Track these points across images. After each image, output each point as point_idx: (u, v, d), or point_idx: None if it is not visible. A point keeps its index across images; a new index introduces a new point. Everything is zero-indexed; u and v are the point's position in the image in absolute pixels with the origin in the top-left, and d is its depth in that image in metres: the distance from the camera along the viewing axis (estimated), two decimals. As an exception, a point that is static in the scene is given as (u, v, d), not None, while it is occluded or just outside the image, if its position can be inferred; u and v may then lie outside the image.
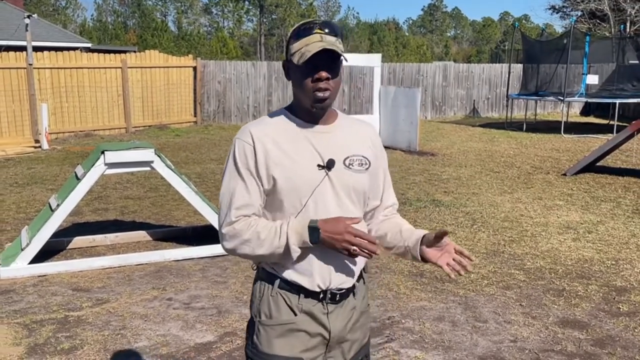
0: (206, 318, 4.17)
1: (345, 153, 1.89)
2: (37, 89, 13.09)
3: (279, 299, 1.86)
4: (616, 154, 10.92)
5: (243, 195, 1.83)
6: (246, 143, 1.83)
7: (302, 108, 1.87)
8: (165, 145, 12.45)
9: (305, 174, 1.83)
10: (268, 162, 1.81)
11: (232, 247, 1.84)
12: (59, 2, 63.90)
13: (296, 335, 1.86)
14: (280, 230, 1.79)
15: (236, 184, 1.83)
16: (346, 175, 1.87)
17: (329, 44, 1.76)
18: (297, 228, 1.78)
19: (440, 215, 6.93)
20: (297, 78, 1.82)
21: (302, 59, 1.76)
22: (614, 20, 26.23)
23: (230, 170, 1.86)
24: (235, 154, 1.85)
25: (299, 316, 1.86)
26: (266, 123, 1.89)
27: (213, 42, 50.84)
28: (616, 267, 5.24)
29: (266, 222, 1.83)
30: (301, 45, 1.78)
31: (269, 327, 1.87)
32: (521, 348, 3.73)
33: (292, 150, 1.83)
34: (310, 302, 1.86)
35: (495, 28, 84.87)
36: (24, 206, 7.31)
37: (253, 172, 1.83)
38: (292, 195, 1.82)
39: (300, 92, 1.83)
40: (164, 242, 5.91)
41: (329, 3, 79.25)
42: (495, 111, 20.47)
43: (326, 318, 1.88)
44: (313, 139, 1.86)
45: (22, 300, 4.47)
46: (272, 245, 1.79)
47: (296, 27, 1.83)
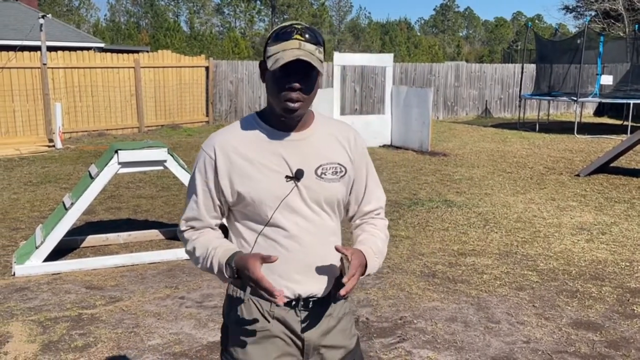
0: (218, 317, 4.18)
1: (318, 161, 1.81)
2: (51, 88, 13.19)
3: (251, 306, 1.83)
4: (630, 155, 10.83)
5: (193, 209, 1.85)
6: (208, 155, 1.79)
7: (274, 115, 1.79)
8: (178, 145, 12.51)
9: (271, 186, 1.76)
10: (231, 176, 1.77)
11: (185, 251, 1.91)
12: (73, 2, 64.38)
13: (271, 341, 1.83)
14: (209, 254, 1.79)
15: (191, 196, 1.85)
16: (317, 185, 1.80)
17: (306, 53, 1.67)
18: (220, 258, 1.77)
19: (452, 216, 6.91)
20: (270, 83, 1.74)
21: (275, 65, 1.67)
22: (629, 20, 26.01)
23: (191, 180, 1.86)
24: (197, 165, 1.83)
25: (271, 322, 1.83)
26: (234, 132, 1.81)
27: (225, 42, 50.97)
28: (630, 268, 5.20)
29: (205, 241, 1.83)
30: (278, 49, 1.69)
31: (243, 334, 1.83)
32: (534, 349, 3.71)
33: (258, 161, 1.77)
34: (283, 310, 1.82)
35: (508, 28, 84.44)
36: (38, 205, 7.38)
37: (211, 186, 1.81)
38: (258, 208, 1.77)
39: (272, 99, 1.76)
40: (176, 241, 5.93)
41: (341, 3, 79.22)
42: (507, 111, 20.37)
43: (299, 325, 1.84)
44: (283, 148, 1.79)
45: (37, 297, 4.51)
46: (205, 266, 1.82)
47: (277, 28, 1.74)
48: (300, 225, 1.79)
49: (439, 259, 5.42)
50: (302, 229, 1.80)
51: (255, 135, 1.80)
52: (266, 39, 1.76)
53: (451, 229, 6.39)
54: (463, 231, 6.30)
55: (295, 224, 1.79)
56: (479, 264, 5.28)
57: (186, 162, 8.79)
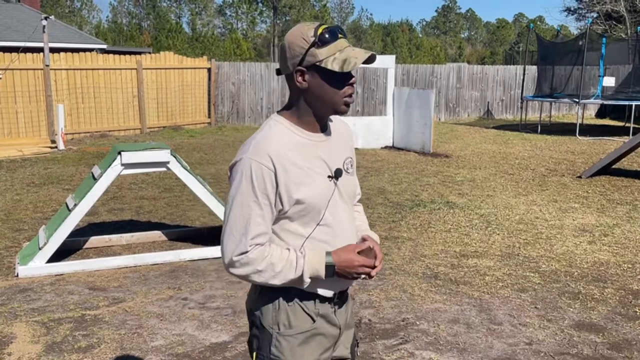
0: (221, 318, 4.19)
1: (342, 157, 1.91)
2: (53, 89, 13.22)
3: (296, 308, 1.86)
4: (632, 157, 10.83)
5: (259, 224, 1.76)
6: (265, 167, 1.74)
7: (314, 117, 1.83)
8: (180, 146, 12.52)
9: (321, 188, 1.82)
10: (289, 185, 1.76)
11: (241, 274, 1.79)
12: (75, 3, 64.50)
13: (316, 340, 1.89)
14: (297, 264, 1.78)
15: (251, 211, 1.75)
16: (347, 180, 1.91)
17: (366, 50, 1.78)
18: (314, 264, 1.79)
19: (454, 217, 6.91)
20: (329, 84, 1.77)
21: (349, 66, 1.73)
22: (630, 22, 25.99)
23: (245, 194, 1.75)
24: (252, 177, 1.74)
25: (317, 321, 1.89)
26: (278, 139, 1.79)
27: (227, 44, 51.04)
28: (633, 270, 5.20)
29: (280, 253, 1.79)
30: (332, 51, 1.74)
31: (291, 337, 1.85)
32: (536, 351, 3.72)
33: (306, 165, 1.80)
34: (324, 306, 1.90)
35: (510, 29, 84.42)
36: (41, 206, 7.39)
37: (272, 198, 1.76)
38: (312, 211, 1.81)
39: (326, 99, 1.79)
40: (179, 242, 5.95)
41: (342, 4, 79.26)
42: (509, 113, 20.37)
43: (334, 316, 1.93)
44: (320, 149, 1.84)
45: (40, 298, 4.52)
46: (285, 278, 1.78)
47: (313, 31, 1.74)
48: (342, 222, 1.89)
49: (441, 260, 5.42)
50: (343, 225, 1.90)
51: (294, 141, 1.81)
52: (303, 44, 1.74)
53: (453, 230, 6.39)
54: (465, 233, 6.30)
55: (339, 222, 1.88)
56: (481, 266, 5.28)
57: (189, 163, 8.80)
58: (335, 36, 1.75)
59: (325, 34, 1.74)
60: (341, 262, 1.81)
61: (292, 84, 1.81)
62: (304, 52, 1.74)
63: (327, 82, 1.76)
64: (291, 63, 1.77)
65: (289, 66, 1.78)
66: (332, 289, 1.89)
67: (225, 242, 1.79)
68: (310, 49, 1.74)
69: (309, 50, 1.74)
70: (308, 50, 1.74)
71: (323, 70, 1.75)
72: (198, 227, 6.41)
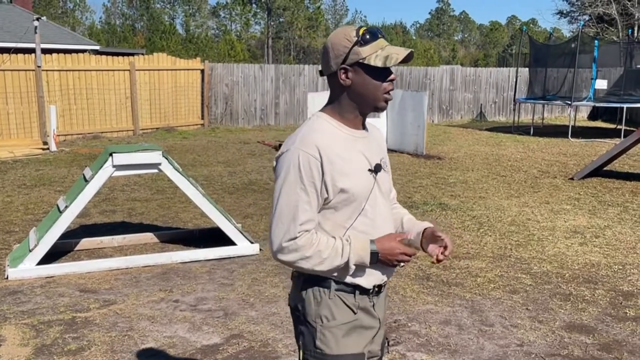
0: (213, 320, 4.18)
1: (379, 155, 2.03)
2: (45, 91, 13.17)
3: (337, 301, 1.93)
4: (624, 159, 10.88)
5: (306, 210, 1.85)
6: (312, 156, 1.84)
7: (356, 113, 1.94)
8: (173, 148, 12.49)
9: (363, 180, 1.92)
10: (334, 174, 1.85)
11: (289, 260, 1.86)
12: (68, 4, 64.28)
13: (358, 332, 1.97)
14: (342, 251, 1.87)
15: (299, 198, 1.84)
16: (384, 177, 2.03)
17: (406, 48, 1.89)
18: (359, 250, 1.88)
19: (447, 219, 6.92)
20: (372, 80, 1.88)
21: (391, 62, 1.85)
22: (622, 25, 26.14)
23: (293, 182, 1.84)
24: (300, 166, 1.83)
25: (358, 313, 1.96)
26: (322, 132, 1.90)
27: (221, 45, 50.98)
28: (623, 271, 5.22)
29: (327, 240, 1.87)
30: (374, 49, 1.86)
31: (335, 329, 1.92)
32: (527, 352, 3.73)
33: (349, 158, 1.90)
34: (364, 299, 1.97)
35: (503, 32, 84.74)
36: (32, 207, 7.36)
37: (318, 186, 1.85)
38: (355, 202, 1.90)
39: (369, 95, 1.90)
40: (171, 244, 5.93)
41: (337, 7, 79.34)
42: (502, 115, 20.44)
43: (373, 309, 2.00)
44: (360, 145, 1.95)
45: (30, 301, 4.50)
46: (332, 264, 1.87)
47: (354, 32, 1.87)
48: (381, 214, 1.99)
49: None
50: (382, 217, 1.99)
51: (337, 135, 1.92)
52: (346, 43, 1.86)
53: (446, 232, 6.39)
54: (457, 234, 6.31)
55: (379, 214, 1.98)
56: (473, 267, 5.29)
57: (182, 165, 8.78)
58: (376, 36, 1.88)
59: (366, 34, 1.87)
60: (384, 250, 1.90)
61: (335, 83, 1.92)
62: (347, 50, 1.87)
63: (370, 79, 1.89)
64: (334, 62, 1.89)
65: (332, 65, 1.90)
66: (370, 282, 1.96)
67: (274, 229, 1.87)
68: (353, 47, 1.86)
69: (352, 48, 1.86)
70: (351, 49, 1.86)
71: (366, 67, 1.87)
72: (190, 229, 6.40)
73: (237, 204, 7.63)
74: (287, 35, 64.26)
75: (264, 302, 4.50)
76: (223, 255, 5.47)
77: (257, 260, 5.43)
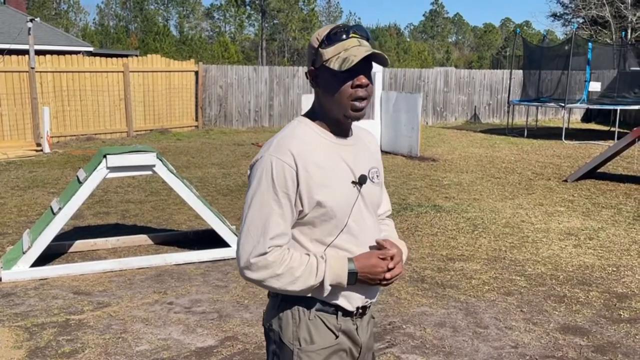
0: (207, 322, 4.17)
1: (368, 166, 1.85)
2: (39, 92, 13.11)
3: (317, 322, 1.77)
4: (617, 161, 10.92)
5: (278, 224, 1.68)
6: (287, 165, 1.67)
7: (331, 120, 1.77)
8: (167, 150, 12.47)
9: (344, 192, 1.75)
10: (310, 185, 1.69)
11: (258, 278, 1.69)
12: (61, 6, 64.10)
13: (339, 356, 1.81)
14: (317, 270, 1.70)
15: (271, 210, 1.68)
16: (372, 189, 1.84)
17: (368, 48, 1.68)
18: (336, 270, 1.71)
19: (441, 221, 6.93)
20: (333, 85, 1.71)
21: (346, 64, 1.66)
22: (615, 27, 26.27)
23: (264, 193, 1.68)
24: (272, 175, 1.67)
25: (339, 337, 1.80)
26: (301, 139, 1.73)
27: (215, 47, 50.95)
28: (617, 273, 5.24)
29: (299, 257, 1.70)
30: (338, 50, 1.68)
31: (313, 353, 1.76)
32: (522, 354, 3.73)
33: (330, 168, 1.73)
34: (347, 321, 1.82)
35: (497, 34, 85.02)
36: (26, 209, 7.32)
37: (292, 197, 1.68)
38: (335, 216, 1.73)
39: (334, 101, 1.73)
40: (165, 246, 5.91)
41: (331, 8, 79.43)
42: (496, 117, 20.49)
43: (356, 333, 1.85)
44: (343, 153, 1.78)
45: (24, 303, 4.47)
46: (305, 284, 1.70)
47: (327, 31, 1.72)
48: (366, 231, 1.81)
49: (427, 264, 5.43)
50: (367, 235, 1.81)
51: (318, 142, 1.75)
52: (315, 44, 1.73)
53: (440, 234, 6.41)
54: (452, 236, 6.32)
55: (364, 230, 1.80)
56: (467, 269, 5.30)
57: (175, 166, 8.76)
58: (346, 35, 1.69)
59: (335, 33, 1.70)
60: (364, 269, 1.73)
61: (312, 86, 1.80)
62: (315, 52, 1.73)
63: (332, 83, 1.71)
64: (308, 64, 1.77)
65: (308, 67, 1.78)
66: (356, 303, 1.81)
67: (242, 243, 1.70)
68: (318, 49, 1.72)
69: (317, 50, 1.72)
70: (317, 51, 1.72)
71: (328, 70, 1.70)
72: (184, 230, 6.38)
73: (231, 205, 7.61)
74: (281, 37, 64.26)
75: (258, 304, 4.49)
76: (217, 257, 5.46)
77: (252, 262, 5.41)
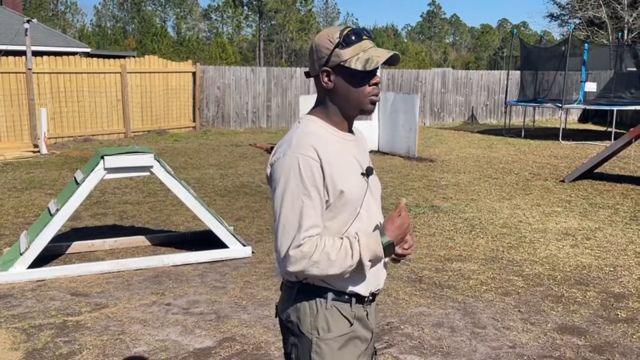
0: (205, 323, 4.16)
1: (367, 159, 1.98)
2: (36, 93, 13.09)
3: (333, 311, 1.86)
4: (614, 161, 10.94)
5: (311, 215, 1.77)
6: (311, 159, 1.77)
7: (343, 116, 1.88)
8: (164, 151, 12.46)
9: (357, 184, 1.86)
10: (334, 176, 1.79)
11: (299, 269, 1.77)
12: (59, 7, 64.01)
13: (354, 343, 1.91)
14: (352, 250, 1.78)
15: (303, 203, 1.76)
16: (375, 180, 1.98)
17: (389, 50, 1.83)
18: (371, 246, 1.80)
19: (439, 221, 6.94)
20: (353, 84, 1.82)
21: (371, 65, 1.79)
22: (612, 28, 26.32)
23: (295, 188, 1.76)
24: (300, 170, 1.76)
25: (354, 324, 1.89)
26: (317, 135, 1.84)
27: (212, 48, 50.91)
28: (614, 273, 5.25)
29: (333, 241, 1.79)
30: (356, 51, 1.80)
31: (331, 341, 1.85)
32: (520, 354, 3.74)
33: (344, 161, 1.85)
34: (360, 308, 1.91)
35: (494, 35, 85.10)
36: (23, 211, 7.31)
37: (320, 189, 1.78)
38: (352, 205, 1.84)
39: (352, 98, 1.84)
40: (162, 247, 5.91)
41: (328, 9, 79.46)
42: (493, 118, 20.51)
43: (367, 319, 1.95)
44: (350, 147, 1.90)
45: (21, 305, 4.46)
46: (343, 265, 1.78)
47: (338, 32, 1.81)
48: (375, 218, 1.93)
49: (425, 264, 5.44)
50: (375, 222, 1.92)
51: (329, 138, 1.86)
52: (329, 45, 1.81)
53: (437, 234, 6.41)
54: (449, 237, 6.33)
55: (373, 219, 1.92)
56: (465, 270, 5.30)
57: (172, 167, 8.75)
58: (359, 37, 1.81)
59: (350, 35, 1.81)
60: (396, 234, 1.84)
61: (319, 85, 1.87)
62: (329, 52, 1.81)
63: (352, 82, 1.83)
64: (318, 64, 1.84)
65: (316, 68, 1.85)
66: (370, 288, 1.91)
67: (280, 240, 1.79)
68: (335, 49, 1.81)
69: (333, 50, 1.81)
70: (333, 51, 1.81)
71: (347, 70, 1.81)
72: (182, 231, 6.38)
73: (229, 206, 7.61)
74: (279, 37, 64.27)
75: (256, 305, 4.49)
76: (215, 258, 5.46)
77: (249, 263, 5.42)
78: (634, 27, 26.04)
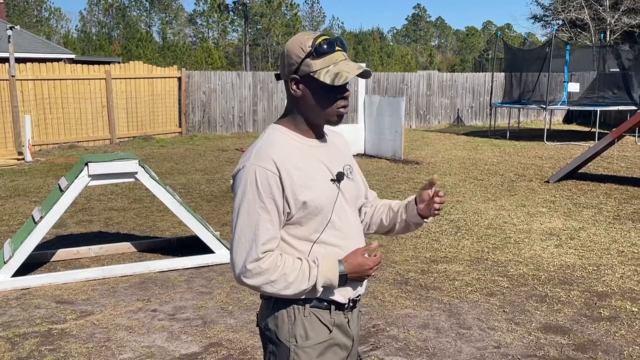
0: (191, 329, 4.16)
1: (342, 163, 1.94)
2: (20, 100, 13.00)
3: (312, 319, 1.85)
4: (598, 161, 11.06)
5: (268, 229, 1.76)
6: (269, 171, 1.75)
7: (309, 124, 1.85)
8: (150, 156, 12.41)
9: (326, 191, 1.83)
10: (294, 188, 1.77)
11: (254, 284, 1.77)
12: (42, 13, 63.59)
13: (333, 351, 1.89)
14: (310, 274, 1.78)
15: (259, 217, 1.75)
16: (349, 184, 1.94)
17: (359, 65, 1.80)
18: (327, 273, 1.80)
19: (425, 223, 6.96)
20: (320, 96, 1.79)
21: (340, 80, 1.75)
22: (594, 29, 26.60)
23: (251, 201, 1.75)
24: (257, 183, 1.75)
25: (333, 331, 1.88)
26: (279, 145, 1.81)
27: (198, 53, 50.81)
28: (597, 272, 5.31)
29: (292, 262, 1.78)
30: (327, 63, 1.77)
31: (309, 348, 1.84)
32: (504, 354, 3.77)
33: (309, 169, 1.81)
34: (339, 315, 1.90)
35: (479, 37, 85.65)
36: (7, 219, 7.26)
37: (278, 202, 1.76)
38: (320, 214, 1.82)
39: (319, 109, 1.82)
40: (148, 253, 5.89)
41: (314, 13, 79.56)
42: (479, 119, 20.64)
43: (348, 326, 1.93)
44: (318, 154, 1.86)
45: (5, 313, 4.43)
46: (298, 288, 1.78)
47: (310, 41, 1.77)
48: (349, 224, 1.91)
49: (411, 266, 5.46)
50: (351, 227, 1.91)
51: (294, 146, 1.83)
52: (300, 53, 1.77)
53: (423, 236, 6.45)
54: (435, 238, 6.36)
55: (347, 224, 1.90)
56: (450, 271, 5.34)
57: (158, 173, 8.73)
58: (332, 48, 1.77)
59: (323, 45, 1.77)
60: (353, 269, 1.83)
61: (288, 90, 1.84)
62: (299, 61, 1.78)
63: (319, 94, 1.79)
64: (288, 70, 1.81)
65: (286, 73, 1.82)
66: (349, 295, 1.90)
67: (235, 252, 1.78)
68: (305, 59, 1.77)
69: (304, 60, 1.77)
70: (303, 60, 1.77)
71: (316, 81, 1.77)
72: (168, 237, 6.36)
73: (215, 211, 7.60)
74: (265, 42, 64.25)
75: (242, 309, 4.49)
76: (201, 263, 5.45)
77: (236, 268, 5.41)
78: (616, 28, 26.34)
